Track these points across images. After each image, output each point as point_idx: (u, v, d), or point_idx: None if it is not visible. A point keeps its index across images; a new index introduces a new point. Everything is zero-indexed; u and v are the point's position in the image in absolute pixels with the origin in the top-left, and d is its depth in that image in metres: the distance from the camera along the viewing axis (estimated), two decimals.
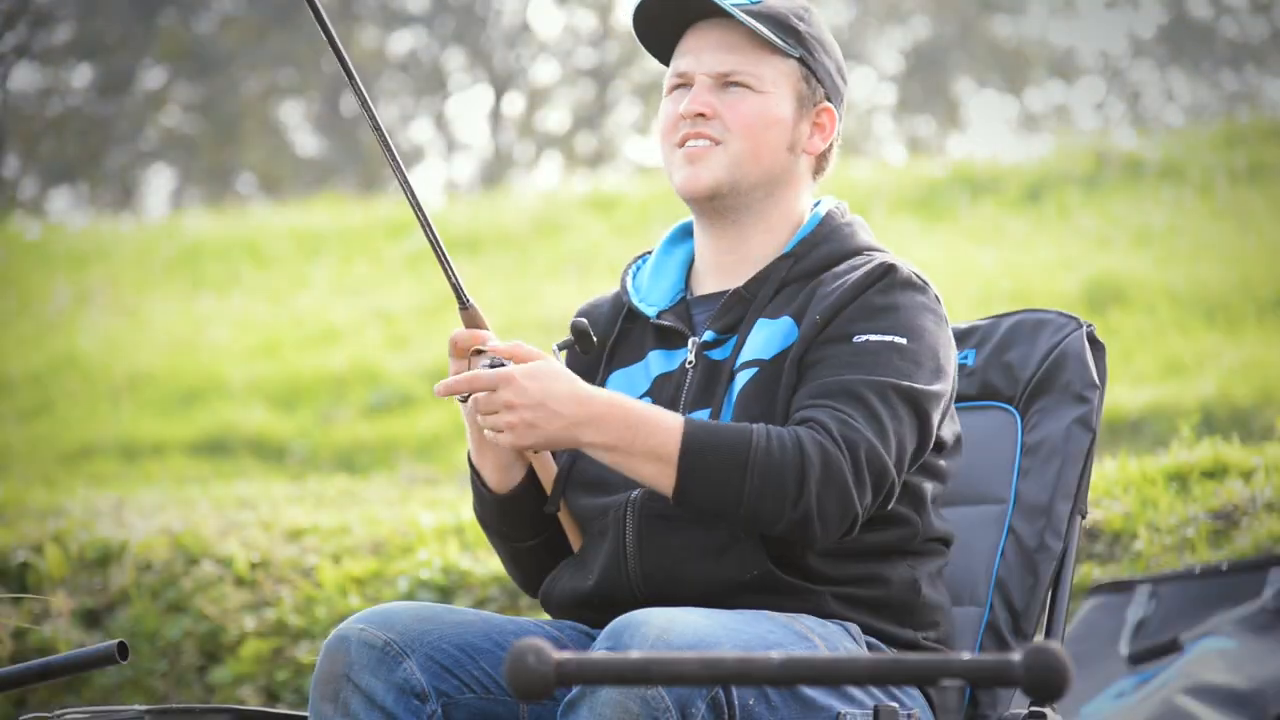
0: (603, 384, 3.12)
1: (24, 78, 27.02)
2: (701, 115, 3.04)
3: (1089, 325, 3.40)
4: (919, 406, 2.93)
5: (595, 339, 3.04)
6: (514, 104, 27.75)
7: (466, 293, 2.96)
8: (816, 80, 3.09)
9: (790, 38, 3.06)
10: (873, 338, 2.95)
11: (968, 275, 10.50)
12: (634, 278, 3.19)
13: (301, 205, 16.56)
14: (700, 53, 3.06)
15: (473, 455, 3.08)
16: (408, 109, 27.94)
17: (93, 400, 11.07)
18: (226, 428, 10.25)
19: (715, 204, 3.07)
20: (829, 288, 3.01)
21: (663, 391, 3.07)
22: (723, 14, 3.05)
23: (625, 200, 13.70)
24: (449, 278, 2.93)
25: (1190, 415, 6.55)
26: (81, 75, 26.64)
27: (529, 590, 3.17)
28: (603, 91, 27.80)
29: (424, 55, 27.69)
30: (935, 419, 2.96)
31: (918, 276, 3.02)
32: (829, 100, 3.10)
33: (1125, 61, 28.12)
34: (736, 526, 2.90)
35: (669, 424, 2.86)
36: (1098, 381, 3.36)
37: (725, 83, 3.05)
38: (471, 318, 2.97)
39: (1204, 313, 9.72)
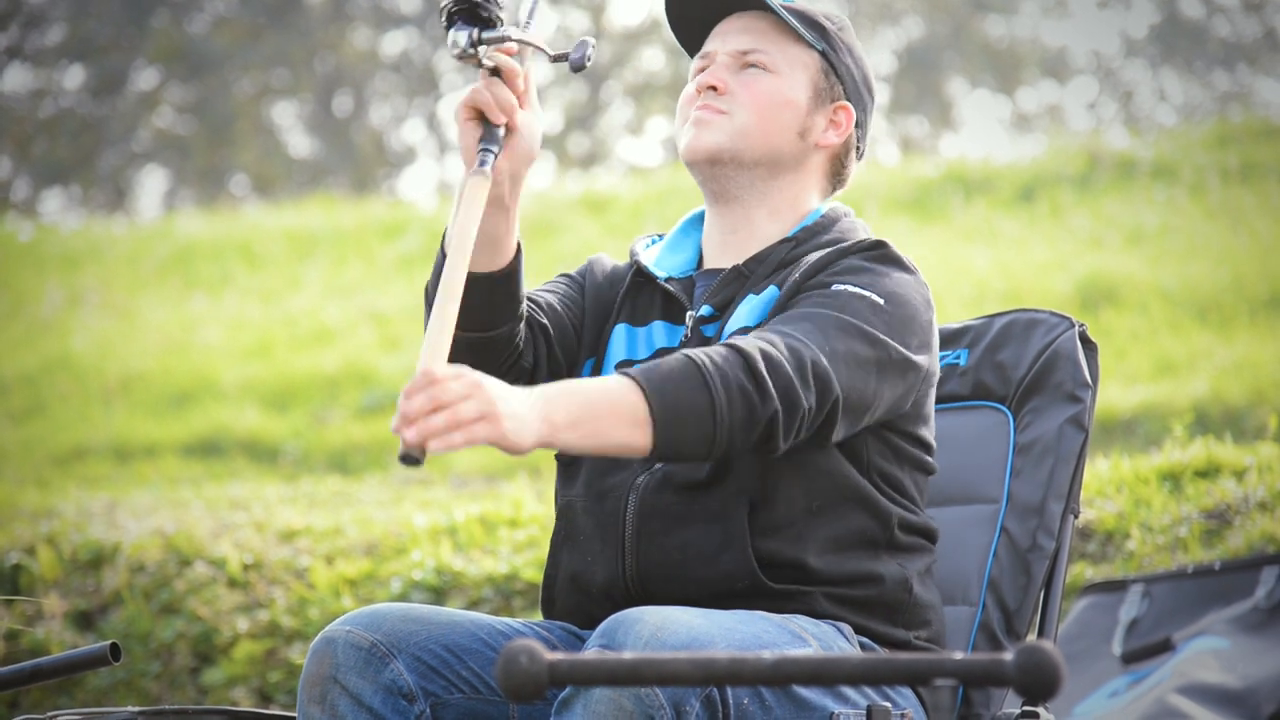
0: (608, 334, 3.13)
1: (16, 79, 27.00)
2: (714, 89, 3.09)
3: (1081, 325, 3.40)
4: (877, 356, 2.87)
5: (585, 62, 2.95)
6: None
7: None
8: (837, 77, 3.13)
9: (814, 31, 3.12)
10: (851, 289, 2.92)
11: (960, 275, 10.51)
12: (645, 249, 3.20)
13: (294, 206, 16.54)
14: (725, 35, 3.13)
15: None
16: (400, 110, 27.93)
17: (85, 401, 11.06)
18: (219, 429, 10.23)
19: (717, 173, 3.09)
20: (816, 255, 3.02)
21: None
22: (752, 6, 3.12)
23: (618, 201, 13.69)
24: None
25: (1183, 415, 6.56)
26: (74, 76, 26.62)
27: None
28: (595, 92, 27.79)
29: (416, 56, 27.68)
30: (888, 382, 2.89)
31: (909, 261, 3.02)
32: (848, 100, 3.14)
33: (1117, 61, 28.14)
34: (718, 449, 2.78)
35: (613, 380, 2.76)
36: (1090, 381, 3.36)
37: (744, 63, 3.11)
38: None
39: (1196, 312, 9.73)
